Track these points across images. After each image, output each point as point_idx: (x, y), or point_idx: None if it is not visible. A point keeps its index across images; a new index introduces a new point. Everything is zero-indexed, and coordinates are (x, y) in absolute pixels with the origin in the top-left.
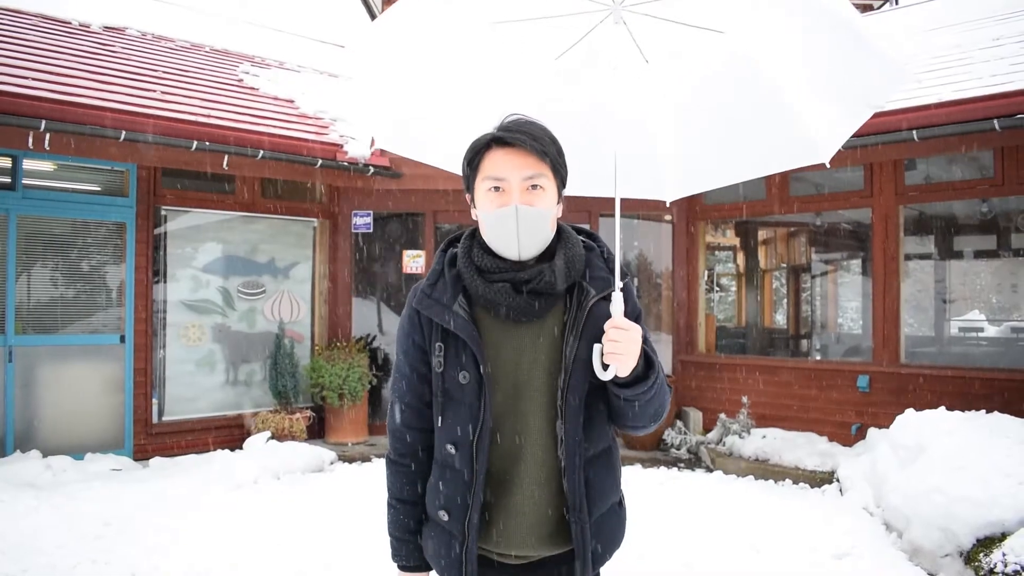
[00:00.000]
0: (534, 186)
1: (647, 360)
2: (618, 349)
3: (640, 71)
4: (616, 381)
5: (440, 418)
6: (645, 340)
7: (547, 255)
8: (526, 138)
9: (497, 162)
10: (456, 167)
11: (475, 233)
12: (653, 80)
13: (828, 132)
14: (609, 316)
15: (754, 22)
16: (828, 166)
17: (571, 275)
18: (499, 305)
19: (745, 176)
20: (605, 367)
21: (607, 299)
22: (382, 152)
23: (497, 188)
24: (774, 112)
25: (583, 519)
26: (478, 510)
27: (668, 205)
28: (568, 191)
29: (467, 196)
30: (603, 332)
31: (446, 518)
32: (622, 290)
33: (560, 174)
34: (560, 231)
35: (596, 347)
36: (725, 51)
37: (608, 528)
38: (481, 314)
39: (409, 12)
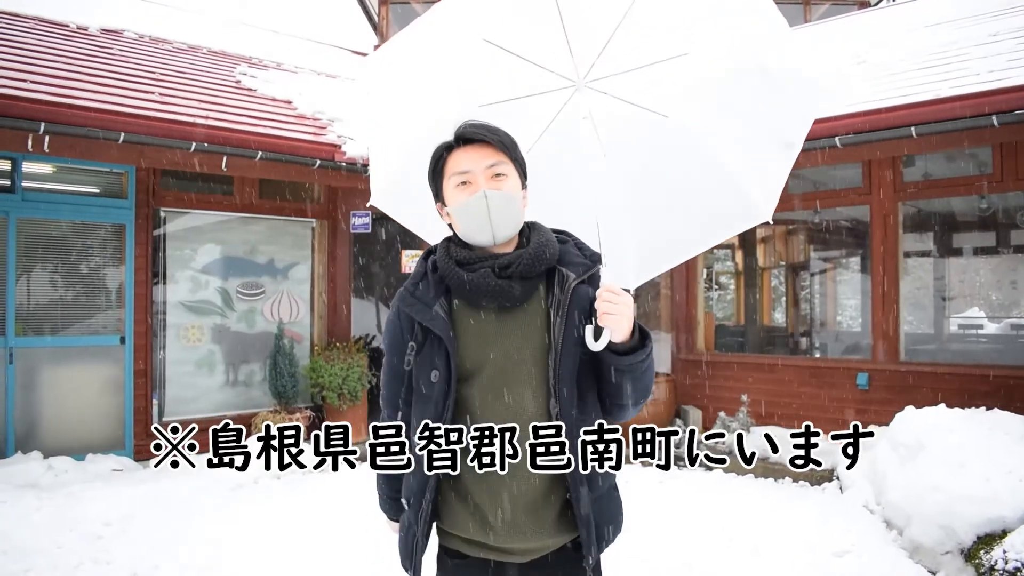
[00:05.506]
0: (498, 174)
1: (641, 330)
2: (612, 310)
3: (598, 158)
4: (614, 349)
5: (411, 412)
6: None
7: (521, 243)
8: (482, 132)
9: (459, 159)
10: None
11: (449, 238)
12: (609, 168)
13: (764, 188)
14: (589, 299)
15: (690, 90)
16: (771, 222)
17: (547, 257)
18: (481, 290)
19: (695, 251)
20: (596, 339)
21: (585, 283)
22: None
23: (464, 182)
24: (716, 181)
25: (583, 493)
26: (431, 503)
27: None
28: None
29: (438, 206)
30: (586, 313)
31: (406, 507)
32: (595, 275)
33: (520, 163)
34: (532, 223)
35: (588, 327)
36: (667, 129)
37: (607, 509)
38: (464, 311)
39: (401, 74)
